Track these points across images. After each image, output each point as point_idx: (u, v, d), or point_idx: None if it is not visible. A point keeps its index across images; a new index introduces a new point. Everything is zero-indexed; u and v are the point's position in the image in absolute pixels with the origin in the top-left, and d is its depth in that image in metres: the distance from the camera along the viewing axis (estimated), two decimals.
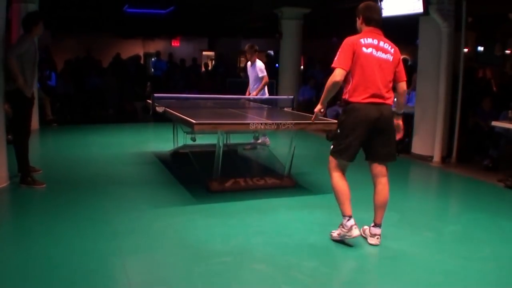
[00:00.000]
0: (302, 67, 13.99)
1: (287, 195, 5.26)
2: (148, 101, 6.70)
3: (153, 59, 16.95)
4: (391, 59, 3.80)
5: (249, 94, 7.97)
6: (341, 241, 3.84)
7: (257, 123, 5.04)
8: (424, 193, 6.15)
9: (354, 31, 3.95)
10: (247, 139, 8.16)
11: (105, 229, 4.06)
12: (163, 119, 6.57)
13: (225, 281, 3.21)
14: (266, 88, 7.84)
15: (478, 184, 6.24)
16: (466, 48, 9.23)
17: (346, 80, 3.74)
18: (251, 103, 7.75)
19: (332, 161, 3.87)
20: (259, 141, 8.07)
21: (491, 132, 6.87)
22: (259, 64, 7.77)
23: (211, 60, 19.02)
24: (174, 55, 15.79)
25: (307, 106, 9.64)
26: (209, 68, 16.03)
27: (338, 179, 3.82)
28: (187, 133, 6.71)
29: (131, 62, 14.63)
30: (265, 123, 5.11)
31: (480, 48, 14.29)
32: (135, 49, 17.05)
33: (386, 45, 3.80)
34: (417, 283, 3.25)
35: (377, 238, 3.88)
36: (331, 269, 3.41)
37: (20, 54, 5.07)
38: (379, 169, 3.89)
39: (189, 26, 15.80)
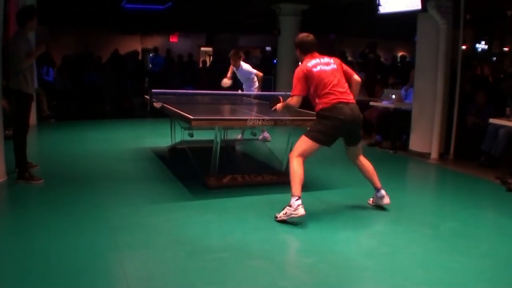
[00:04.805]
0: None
1: (284, 192, 5.22)
2: (146, 96, 6.69)
3: (151, 55, 16.89)
4: (335, 67, 4.52)
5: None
6: (285, 221, 4.19)
7: (254, 119, 5.05)
8: (422, 190, 6.15)
9: (352, 28, 4.09)
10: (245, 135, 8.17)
11: (102, 225, 4.06)
12: (160, 114, 6.56)
13: (222, 277, 3.21)
14: (257, 84, 7.94)
15: (476, 181, 6.24)
16: (464, 45, 9.22)
17: (312, 98, 4.50)
18: (249, 99, 7.75)
19: (303, 146, 4.36)
20: (260, 137, 8.09)
21: (489, 129, 6.85)
22: (246, 66, 7.92)
23: (209, 55, 18.98)
24: (172, 51, 15.74)
25: (305, 103, 9.62)
26: (207, 65, 15.97)
27: (299, 164, 4.32)
28: (185, 128, 6.71)
29: (129, 58, 14.60)
30: (263, 119, 5.11)
31: (478, 45, 14.31)
32: (133, 45, 16.98)
33: (326, 58, 4.57)
34: (414, 279, 3.26)
35: (387, 197, 4.71)
36: (328, 265, 3.41)
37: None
38: (354, 150, 4.69)
39: (187, 21, 15.76)
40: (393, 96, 8.06)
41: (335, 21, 14.68)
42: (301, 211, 4.16)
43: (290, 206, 4.21)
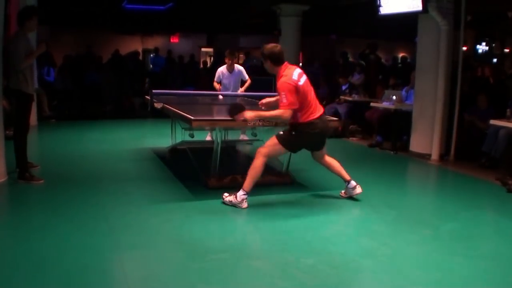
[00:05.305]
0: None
1: (285, 192, 5.26)
2: (147, 97, 6.69)
3: (151, 55, 16.90)
4: (306, 77, 4.58)
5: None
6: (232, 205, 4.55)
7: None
8: (422, 190, 6.15)
9: (352, 29, 4.08)
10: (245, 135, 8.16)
11: (102, 225, 4.06)
12: (161, 115, 6.57)
13: (222, 278, 3.21)
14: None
15: (476, 182, 6.23)
16: (465, 46, 9.20)
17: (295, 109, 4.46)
18: (250, 99, 7.74)
19: (273, 149, 4.62)
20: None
21: (489, 130, 6.85)
22: (241, 68, 7.87)
23: (210, 56, 18.97)
24: (173, 51, 15.74)
25: None
26: (208, 66, 15.97)
27: (262, 164, 4.57)
28: (185, 129, 6.71)
29: (130, 58, 14.60)
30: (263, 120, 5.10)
31: (479, 46, 14.31)
32: (134, 45, 16.97)
33: (299, 69, 4.60)
34: (414, 280, 3.26)
35: (358, 186, 4.91)
36: (328, 266, 3.40)
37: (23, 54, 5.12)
38: (320, 153, 4.91)
39: (187, 22, 15.77)
40: (394, 97, 8.06)
41: (336, 21, 14.69)
42: (244, 205, 4.54)
43: (236, 197, 4.55)
